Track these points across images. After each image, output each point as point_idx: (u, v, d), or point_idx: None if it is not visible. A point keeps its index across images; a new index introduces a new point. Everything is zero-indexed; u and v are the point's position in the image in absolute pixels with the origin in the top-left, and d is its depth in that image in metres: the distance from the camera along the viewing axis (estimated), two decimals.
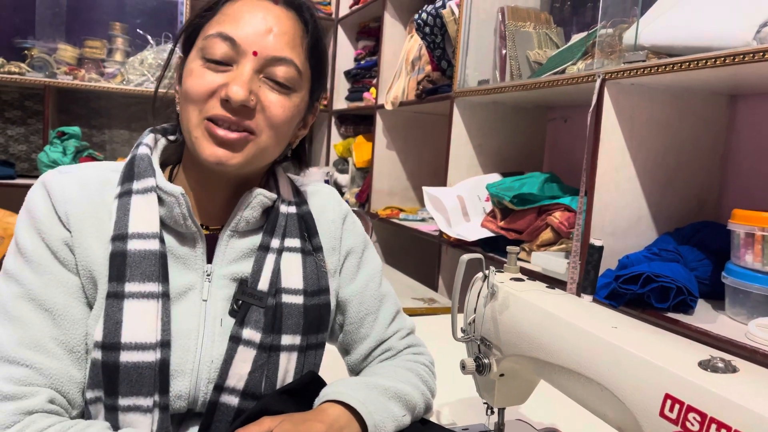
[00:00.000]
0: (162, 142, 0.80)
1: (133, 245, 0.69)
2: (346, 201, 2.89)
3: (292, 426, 0.66)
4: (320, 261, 0.80)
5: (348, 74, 3.17)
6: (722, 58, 1.03)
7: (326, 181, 2.93)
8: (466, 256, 0.76)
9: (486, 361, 0.76)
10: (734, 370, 0.49)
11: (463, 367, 0.77)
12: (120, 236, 0.70)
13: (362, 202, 2.81)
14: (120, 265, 0.68)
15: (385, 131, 2.67)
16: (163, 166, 0.78)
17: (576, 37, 1.64)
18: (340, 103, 3.25)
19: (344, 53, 3.25)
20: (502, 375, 0.76)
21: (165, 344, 0.68)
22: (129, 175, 0.74)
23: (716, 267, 1.21)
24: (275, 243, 0.77)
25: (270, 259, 0.76)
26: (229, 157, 0.71)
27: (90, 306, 0.71)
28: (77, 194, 0.72)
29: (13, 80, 2.74)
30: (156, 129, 0.81)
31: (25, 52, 2.88)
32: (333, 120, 3.28)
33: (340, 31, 3.24)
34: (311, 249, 0.80)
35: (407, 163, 2.73)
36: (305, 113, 0.80)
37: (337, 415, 0.69)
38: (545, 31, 1.82)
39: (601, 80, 1.28)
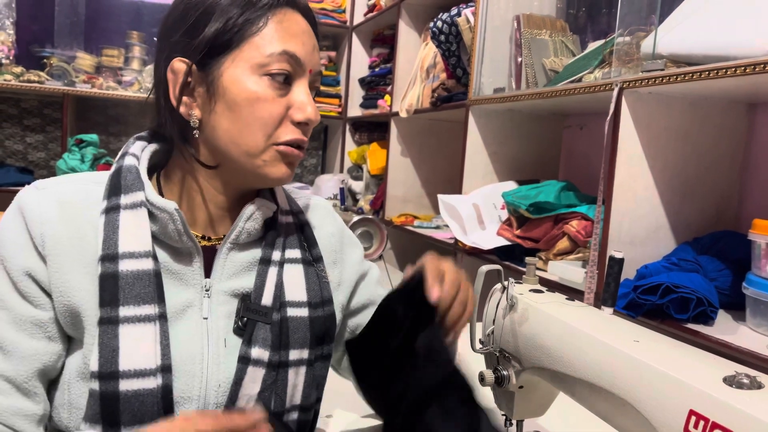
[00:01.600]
0: (148, 151, 0.75)
1: (124, 266, 0.65)
2: (360, 208, 2.90)
3: None
4: (321, 271, 0.78)
5: (362, 81, 3.18)
6: (742, 68, 1.02)
7: (341, 189, 2.94)
8: (484, 268, 0.76)
9: (505, 373, 0.76)
10: (759, 386, 0.49)
11: (482, 379, 0.77)
12: (109, 256, 0.66)
13: (376, 209, 2.82)
14: (112, 288, 0.65)
15: (399, 138, 2.68)
16: (149, 173, 0.74)
17: (592, 45, 1.64)
18: (354, 110, 3.26)
19: (359, 61, 3.26)
20: (521, 387, 0.76)
21: (166, 369, 0.65)
22: (115, 189, 0.69)
23: (736, 277, 1.20)
24: (276, 255, 0.74)
25: (272, 272, 0.73)
26: (292, 172, 0.73)
27: (58, 338, 0.67)
28: (56, 213, 0.67)
29: (33, 89, 2.78)
30: (142, 136, 0.77)
31: (44, 60, 2.92)
32: (347, 127, 3.29)
33: (355, 39, 3.25)
34: (311, 259, 0.78)
35: (422, 170, 2.73)
36: None
37: None
38: (561, 39, 1.82)
39: (619, 89, 1.28)
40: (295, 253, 0.76)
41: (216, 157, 0.72)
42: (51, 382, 0.69)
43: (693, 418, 0.49)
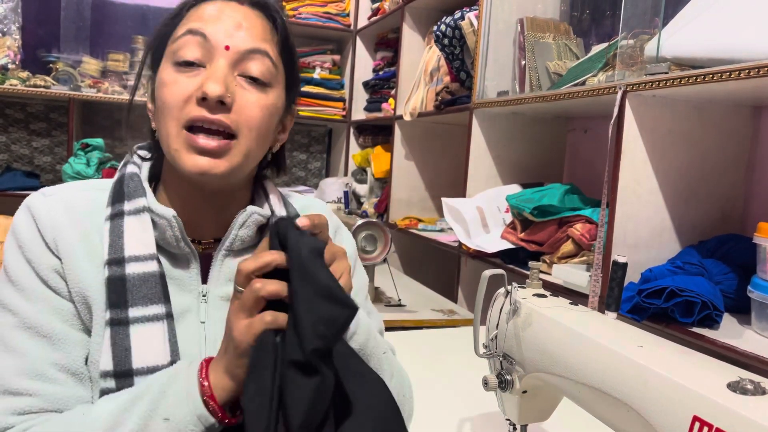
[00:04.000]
0: (148, 161, 0.79)
1: (131, 269, 0.68)
2: (365, 211, 2.91)
3: None
4: None
5: (366, 85, 3.19)
6: (746, 71, 1.02)
7: (345, 192, 2.94)
8: (488, 272, 0.76)
9: (508, 377, 0.76)
10: (763, 392, 0.49)
11: (485, 383, 0.77)
12: (116, 260, 0.68)
13: (381, 212, 2.82)
14: (120, 290, 0.67)
15: (403, 141, 2.68)
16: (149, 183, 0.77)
17: (596, 48, 1.64)
18: (358, 113, 3.27)
19: (363, 64, 3.26)
20: (524, 392, 0.76)
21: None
22: (119, 196, 0.72)
23: (741, 280, 1.20)
24: None
25: None
26: (212, 165, 0.68)
27: (87, 331, 0.69)
28: (64, 219, 0.70)
29: (39, 93, 2.80)
30: (142, 146, 0.80)
31: (50, 65, 2.93)
32: (351, 130, 3.29)
33: (359, 43, 3.26)
34: None
35: (426, 173, 2.73)
36: (283, 114, 0.78)
37: None
38: (565, 42, 1.82)
39: (623, 92, 1.28)
40: None
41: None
42: None
43: (697, 424, 0.49)
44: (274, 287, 0.60)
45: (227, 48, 0.69)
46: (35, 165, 3.11)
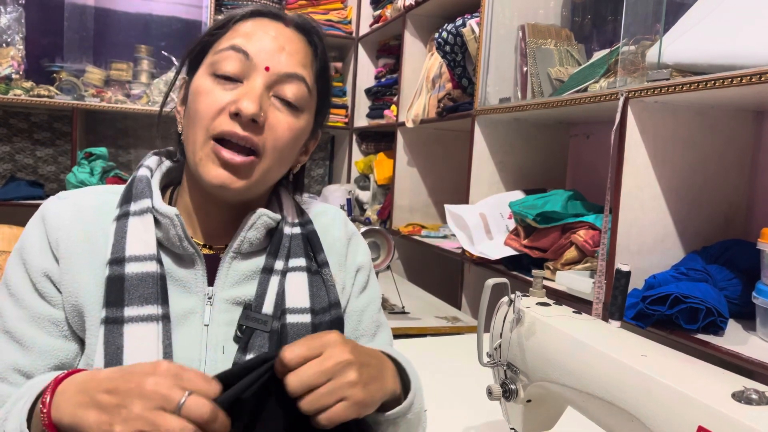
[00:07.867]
0: (165, 164, 0.80)
1: (130, 268, 0.69)
2: (368, 218, 2.91)
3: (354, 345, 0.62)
4: (327, 275, 0.78)
5: (369, 92, 3.19)
6: (748, 77, 1.02)
7: (348, 200, 2.94)
8: (491, 281, 0.76)
9: (513, 386, 0.75)
10: None
11: (489, 393, 0.77)
12: (117, 260, 0.69)
13: (384, 219, 2.82)
14: (118, 289, 0.68)
15: (406, 148, 2.68)
16: (166, 188, 0.79)
17: (598, 55, 1.64)
18: (361, 120, 3.28)
19: (365, 71, 3.27)
20: (529, 401, 0.76)
21: None
22: (127, 197, 0.74)
23: (746, 286, 1.19)
24: (279, 265, 0.75)
25: (274, 281, 0.74)
26: (232, 180, 0.70)
27: (72, 337, 0.71)
28: (71, 219, 0.72)
29: (42, 103, 2.81)
30: (160, 152, 0.82)
31: (54, 75, 2.95)
32: (354, 137, 3.30)
33: (361, 50, 3.27)
34: (317, 267, 0.79)
35: (428, 179, 2.73)
36: (308, 138, 0.80)
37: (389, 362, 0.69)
38: (566, 48, 1.82)
39: (624, 99, 1.28)
40: (299, 262, 0.77)
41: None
42: None
43: None
44: None
45: (267, 69, 0.71)
46: (39, 174, 3.12)
